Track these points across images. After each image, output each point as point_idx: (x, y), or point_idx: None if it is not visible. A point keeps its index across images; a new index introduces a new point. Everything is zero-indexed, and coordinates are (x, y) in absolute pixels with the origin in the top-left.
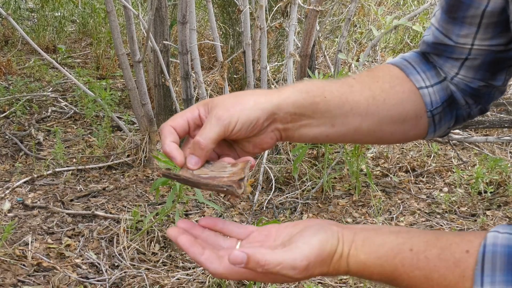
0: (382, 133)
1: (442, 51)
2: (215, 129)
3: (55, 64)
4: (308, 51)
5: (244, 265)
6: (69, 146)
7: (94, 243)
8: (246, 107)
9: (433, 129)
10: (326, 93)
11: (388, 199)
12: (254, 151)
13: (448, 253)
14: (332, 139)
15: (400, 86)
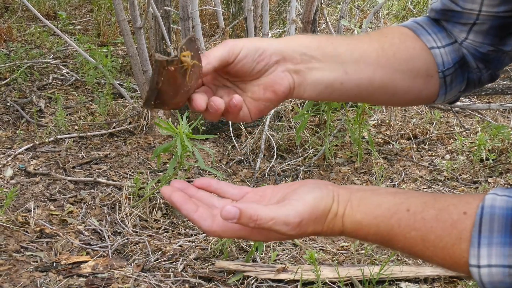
0: (396, 89)
1: (450, 16)
2: (220, 49)
3: (56, 31)
4: (310, 18)
5: (237, 220)
6: (71, 113)
7: (96, 210)
8: (254, 39)
9: (444, 90)
10: (332, 40)
11: (390, 166)
12: (265, 95)
13: (446, 214)
14: (348, 89)
15: (411, 42)
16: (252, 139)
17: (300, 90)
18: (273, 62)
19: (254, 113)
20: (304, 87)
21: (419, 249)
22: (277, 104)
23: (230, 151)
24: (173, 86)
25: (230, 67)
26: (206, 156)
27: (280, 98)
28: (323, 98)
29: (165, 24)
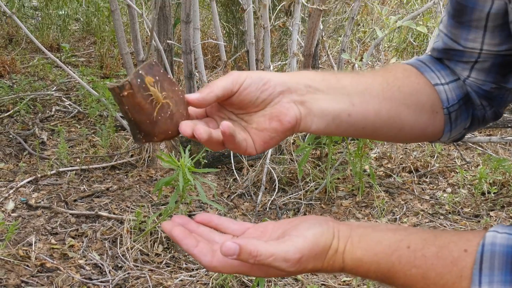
0: (402, 123)
1: (452, 55)
2: (223, 79)
3: (59, 63)
4: (312, 50)
5: (236, 256)
6: (73, 145)
7: (98, 243)
8: (258, 71)
9: (449, 127)
10: (336, 74)
11: (392, 199)
12: (271, 125)
13: (446, 251)
14: (356, 121)
15: (415, 78)
16: (253, 172)
17: (307, 122)
18: (278, 93)
19: (260, 144)
20: (311, 118)
21: (420, 286)
22: (282, 136)
23: (231, 184)
24: (144, 113)
25: (235, 97)
26: (208, 189)
27: (286, 129)
28: (331, 131)
29: (167, 57)
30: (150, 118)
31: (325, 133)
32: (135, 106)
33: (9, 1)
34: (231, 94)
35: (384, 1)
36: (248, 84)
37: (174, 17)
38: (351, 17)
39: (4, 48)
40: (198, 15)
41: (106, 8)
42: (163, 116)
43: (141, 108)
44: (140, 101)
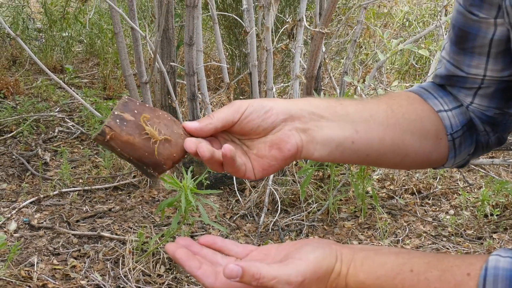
0: (406, 150)
1: (455, 82)
2: (224, 110)
3: (62, 84)
4: (314, 73)
5: (239, 279)
6: (76, 166)
7: (100, 264)
8: (261, 99)
9: (453, 153)
10: (341, 101)
11: (394, 221)
12: (271, 152)
13: (449, 275)
14: (360, 148)
15: (419, 105)
16: (256, 193)
17: (309, 149)
18: (280, 120)
19: (258, 170)
20: (313, 145)
21: None
22: (282, 163)
23: (234, 205)
24: (138, 148)
25: (236, 125)
26: (210, 210)
27: (286, 157)
28: (334, 158)
29: (170, 79)
30: (147, 149)
31: (328, 160)
32: (125, 145)
33: (13, 23)
34: (232, 124)
35: (386, 24)
36: (249, 112)
37: (177, 39)
38: (354, 39)
39: (8, 70)
40: (201, 38)
41: (110, 30)
42: (163, 144)
43: (132, 144)
44: (127, 138)
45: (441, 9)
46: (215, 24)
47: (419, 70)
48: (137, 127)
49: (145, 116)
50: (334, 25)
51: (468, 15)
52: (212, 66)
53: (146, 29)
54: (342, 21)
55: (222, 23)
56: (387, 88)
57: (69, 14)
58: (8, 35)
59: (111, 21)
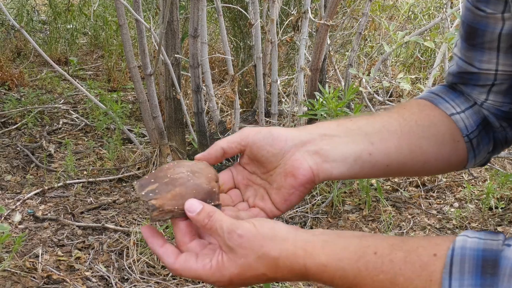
0: (425, 156)
1: (467, 79)
2: (231, 135)
3: (67, 76)
4: (319, 65)
5: (196, 214)
6: (80, 158)
7: (104, 256)
8: (270, 127)
9: (473, 154)
10: (351, 118)
11: (399, 214)
12: (286, 181)
13: (415, 256)
14: (378, 160)
15: (430, 111)
16: None
17: (326, 170)
18: (290, 147)
19: (281, 203)
20: (330, 165)
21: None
22: (303, 189)
23: None
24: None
25: (248, 152)
26: None
27: (303, 183)
28: (355, 173)
29: (175, 71)
30: (189, 188)
31: (350, 177)
32: (174, 199)
33: (17, 15)
34: (241, 147)
35: (391, 17)
36: (258, 139)
37: (182, 31)
38: (359, 32)
39: (12, 62)
40: (206, 30)
41: (114, 22)
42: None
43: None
44: (171, 194)
45: (447, 1)
46: (219, 16)
47: (424, 63)
48: (166, 183)
49: (159, 173)
50: (339, 18)
51: (476, 11)
52: (216, 59)
53: (151, 21)
54: (347, 14)
55: (227, 15)
56: (392, 80)
57: (73, 6)
58: (13, 27)
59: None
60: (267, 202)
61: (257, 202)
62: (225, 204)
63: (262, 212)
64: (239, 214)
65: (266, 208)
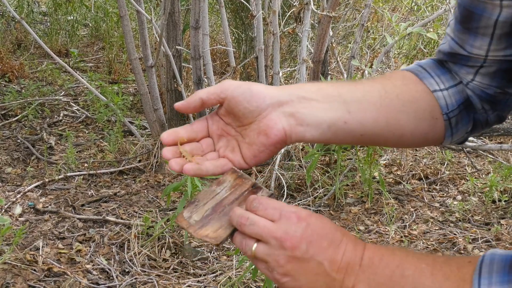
0: (402, 130)
1: (457, 59)
2: (213, 86)
3: (68, 68)
4: (321, 57)
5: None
6: (81, 150)
7: (105, 248)
8: (252, 82)
9: (450, 132)
10: (333, 83)
11: (401, 207)
12: (258, 139)
13: (453, 261)
14: (353, 129)
15: (413, 85)
16: (262, 177)
17: (299, 132)
18: (267, 105)
19: (250, 158)
20: (304, 128)
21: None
22: (273, 148)
23: None
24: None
25: (226, 105)
26: None
27: (274, 142)
28: (328, 139)
29: (176, 63)
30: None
31: (321, 141)
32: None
33: (18, 7)
34: (220, 99)
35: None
36: (237, 93)
37: (183, 23)
38: (361, 23)
39: (12, 53)
40: (207, 21)
41: (115, 14)
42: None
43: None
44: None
45: None
46: (221, 7)
47: (427, 55)
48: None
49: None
50: (341, 9)
51: None
52: (218, 50)
53: (152, 13)
54: (350, 5)
55: (229, 7)
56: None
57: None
58: (13, 18)
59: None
60: (236, 154)
61: (227, 154)
62: (195, 153)
63: (229, 163)
64: (202, 166)
65: (235, 160)
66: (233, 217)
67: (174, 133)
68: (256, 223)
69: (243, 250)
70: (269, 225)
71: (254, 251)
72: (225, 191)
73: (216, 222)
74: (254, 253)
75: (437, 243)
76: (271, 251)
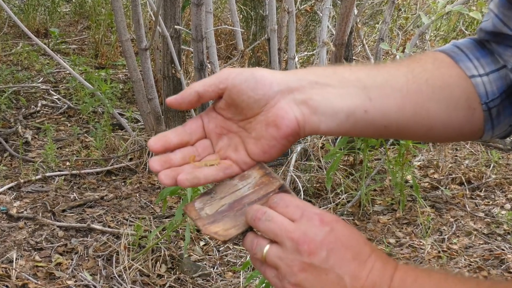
0: (432, 121)
1: (502, 39)
2: (208, 77)
3: (47, 50)
4: (344, 39)
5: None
6: (62, 146)
7: (90, 262)
8: (254, 68)
9: (490, 125)
10: (351, 67)
11: (439, 216)
12: (268, 131)
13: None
14: (375, 119)
15: (447, 69)
16: None
17: (313, 123)
18: (274, 92)
19: (258, 155)
20: (318, 118)
21: None
22: (284, 142)
23: None
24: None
25: (226, 96)
26: None
27: (286, 135)
28: (346, 131)
29: (174, 45)
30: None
31: (339, 133)
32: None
33: None
34: (219, 91)
35: None
36: (238, 81)
37: None
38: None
39: None
40: None
41: None
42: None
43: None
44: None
45: None
46: None
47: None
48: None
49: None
50: None
51: None
52: (223, 31)
53: None
54: None
55: None
56: None
57: None
58: None
59: None
60: (240, 153)
61: (229, 154)
62: (187, 161)
63: (233, 165)
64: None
65: (239, 160)
66: (249, 211)
67: (163, 137)
68: (273, 219)
69: (253, 251)
70: (287, 224)
71: (265, 253)
72: (247, 188)
73: (230, 220)
74: (265, 256)
75: (481, 260)
76: (285, 254)
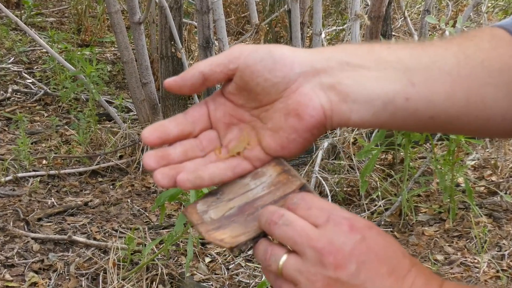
0: (488, 110)
1: None
2: (219, 55)
3: (19, 24)
4: (382, 11)
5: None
6: (38, 141)
7: (71, 281)
8: (270, 45)
9: None
10: (390, 45)
11: (498, 228)
12: (288, 122)
13: None
14: (418, 108)
15: (506, 49)
16: None
17: (343, 112)
18: (297, 75)
19: (275, 150)
20: (349, 106)
21: None
22: (307, 136)
23: None
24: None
25: (238, 79)
26: None
27: (310, 126)
28: (382, 122)
29: (174, 18)
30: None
31: (374, 125)
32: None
33: None
34: (228, 72)
35: None
36: (253, 60)
37: None
38: None
39: None
40: None
41: None
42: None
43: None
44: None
45: None
46: None
47: None
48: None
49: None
50: None
51: None
52: (234, 1)
53: None
54: None
55: None
56: None
57: None
58: None
59: None
60: (254, 147)
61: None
62: (189, 156)
63: (243, 162)
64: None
65: (251, 156)
66: (263, 214)
67: (160, 127)
68: (292, 223)
69: (267, 262)
70: (309, 229)
71: (281, 265)
72: (261, 188)
73: (240, 226)
74: (281, 268)
75: None
76: (306, 267)
